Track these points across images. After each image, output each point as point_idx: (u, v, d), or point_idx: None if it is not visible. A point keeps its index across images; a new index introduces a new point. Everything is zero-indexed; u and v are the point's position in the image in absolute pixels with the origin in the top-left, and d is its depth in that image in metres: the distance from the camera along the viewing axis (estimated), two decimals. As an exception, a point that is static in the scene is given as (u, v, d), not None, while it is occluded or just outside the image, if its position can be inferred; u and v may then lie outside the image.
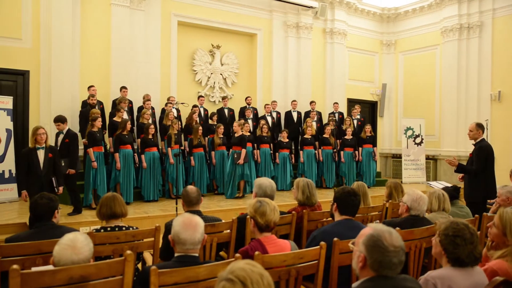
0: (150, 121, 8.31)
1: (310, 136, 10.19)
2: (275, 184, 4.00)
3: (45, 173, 5.56)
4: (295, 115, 11.08)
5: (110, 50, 9.27)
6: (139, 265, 3.43)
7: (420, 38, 13.21)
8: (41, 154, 5.56)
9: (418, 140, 12.19)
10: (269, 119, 10.54)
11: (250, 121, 9.95)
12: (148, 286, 2.08)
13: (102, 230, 3.16)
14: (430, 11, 12.77)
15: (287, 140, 10.00)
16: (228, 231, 3.51)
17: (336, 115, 11.50)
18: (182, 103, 7.83)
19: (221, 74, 11.32)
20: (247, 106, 10.50)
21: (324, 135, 10.42)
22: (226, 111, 10.39)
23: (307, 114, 11.05)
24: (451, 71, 12.06)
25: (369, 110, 14.00)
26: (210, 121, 9.60)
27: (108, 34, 9.27)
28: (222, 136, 8.89)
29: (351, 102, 12.99)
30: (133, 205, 7.42)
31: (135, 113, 8.97)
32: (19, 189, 5.69)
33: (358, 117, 11.41)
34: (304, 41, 12.07)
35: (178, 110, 9.23)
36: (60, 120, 6.54)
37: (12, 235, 3.13)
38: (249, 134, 9.28)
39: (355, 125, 11.16)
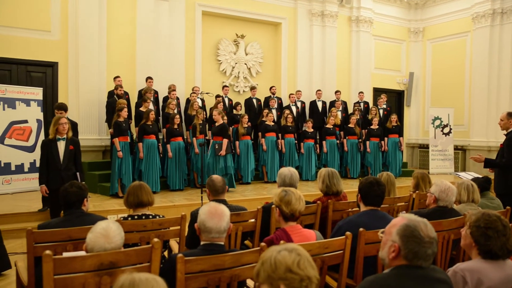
0: (175, 111, 8.39)
1: (331, 126, 10.10)
2: (299, 174, 3.97)
3: (65, 167, 5.20)
4: (320, 104, 10.99)
5: (136, 40, 9.38)
6: (166, 253, 3.48)
7: (449, 25, 12.81)
8: (61, 145, 5.21)
9: (446, 130, 11.89)
10: (293, 108, 10.48)
11: (274, 111, 9.94)
12: (175, 274, 2.12)
13: (129, 218, 3.22)
14: (461, -4, 12.37)
15: (312, 130, 9.92)
16: (253, 220, 3.51)
17: (362, 104, 11.33)
18: (206, 93, 7.85)
19: (245, 63, 11.30)
20: (272, 95, 10.46)
21: (349, 125, 10.30)
22: (254, 101, 10.37)
23: (332, 103, 10.94)
24: (482, 59, 11.67)
25: (396, 100, 13.74)
26: (234, 111, 9.63)
27: (133, 25, 9.37)
28: (246, 126, 8.90)
29: (377, 92, 12.77)
30: (159, 194, 7.54)
31: (161, 103, 9.08)
32: (39, 183, 5.24)
33: (384, 106, 11.21)
34: (329, 29, 11.90)
35: (202, 100, 9.27)
36: (63, 108, 6.12)
37: (43, 222, 3.23)
38: (273, 123, 9.31)
39: (381, 114, 10.98)
